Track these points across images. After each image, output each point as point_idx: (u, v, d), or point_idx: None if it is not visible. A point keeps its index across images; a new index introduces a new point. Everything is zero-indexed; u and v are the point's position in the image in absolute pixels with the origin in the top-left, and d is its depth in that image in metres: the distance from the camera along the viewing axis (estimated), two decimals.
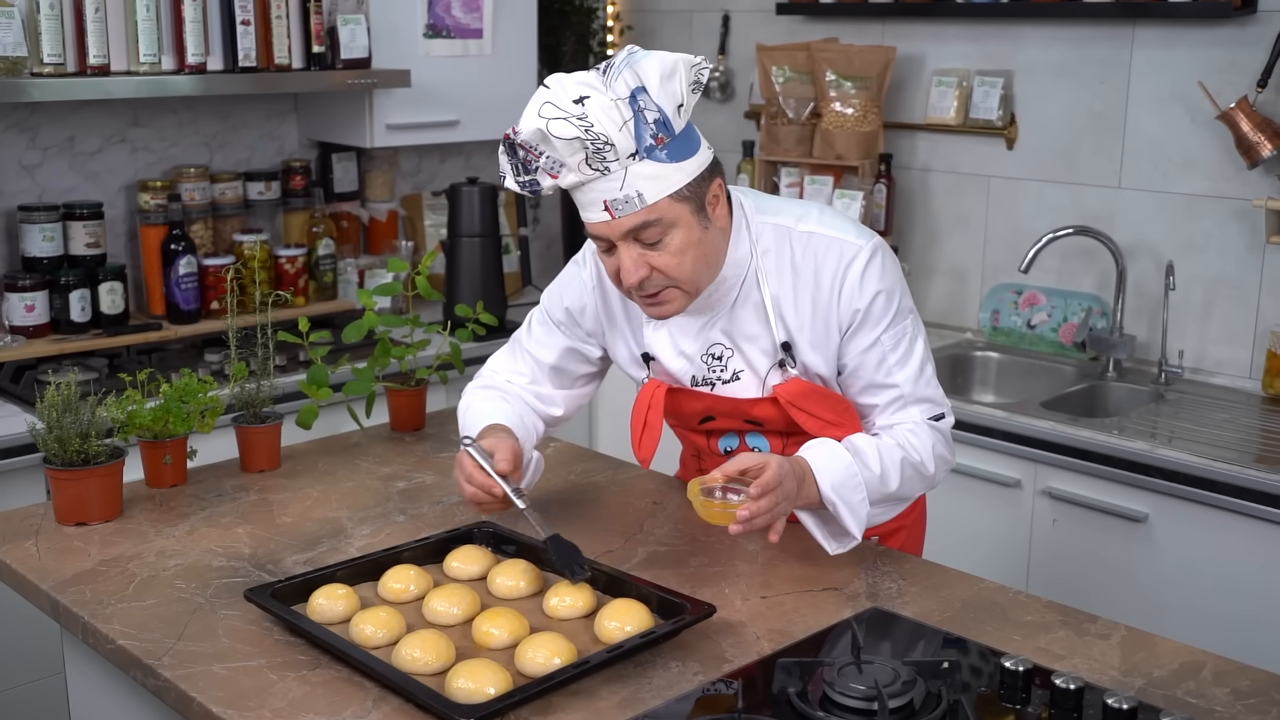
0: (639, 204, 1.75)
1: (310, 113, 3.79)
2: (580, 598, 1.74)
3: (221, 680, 1.56)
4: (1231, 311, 3.23)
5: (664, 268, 1.80)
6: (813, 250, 1.90)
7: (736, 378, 1.97)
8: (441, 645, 1.60)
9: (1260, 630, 2.63)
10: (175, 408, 2.17)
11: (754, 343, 1.95)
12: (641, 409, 2.00)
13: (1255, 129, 3.05)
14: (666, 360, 2.00)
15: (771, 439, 2.02)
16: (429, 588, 1.80)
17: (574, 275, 2.09)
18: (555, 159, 1.76)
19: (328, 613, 1.71)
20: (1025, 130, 3.54)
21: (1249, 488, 2.61)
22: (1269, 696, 1.54)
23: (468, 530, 1.96)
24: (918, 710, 1.46)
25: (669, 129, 1.76)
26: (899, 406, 1.93)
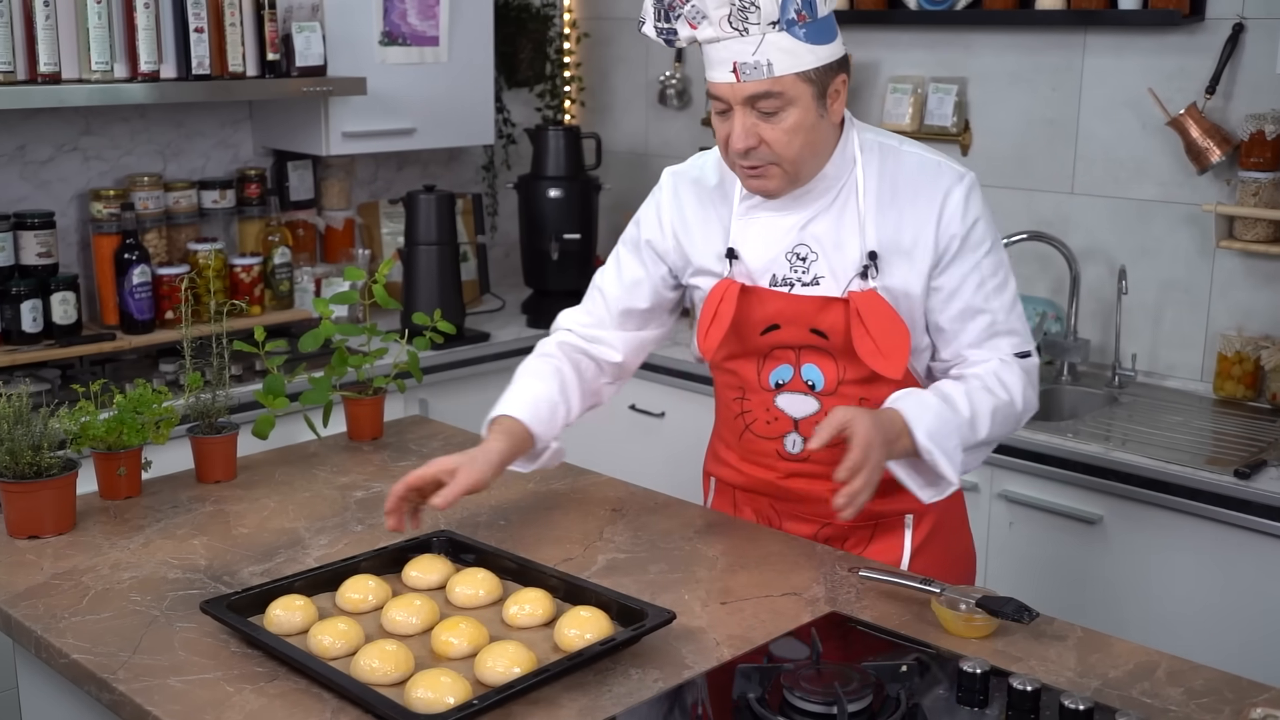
0: (767, 73, 1.79)
1: (265, 120, 3.77)
2: (540, 606, 1.73)
3: (178, 693, 1.55)
4: (1183, 315, 3.27)
5: (773, 142, 1.84)
6: (914, 169, 1.95)
7: (816, 282, 1.96)
8: (400, 656, 1.59)
9: (1213, 630, 2.66)
10: (129, 419, 2.15)
11: (841, 249, 1.95)
12: (713, 303, 2.00)
13: (1204, 135, 3.08)
14: (752, 253, 1.99)
15: (826, 367, 1.99)
16: (388, 598, 1.78)
17: (650, 204, 2.14)
18: (699, 8, 1.79)
19: (285, 624, 1.70)
20: (979, 136, 3.57)
21: (1201, 489, 2.64)
22: (1222, 695, 1.56)
23: (426, 539, 1.95)
24: (877, 714, 1.47)
25: (813, 9, 1.80)
26: (990, 334, 1.95)
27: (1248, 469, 2.63)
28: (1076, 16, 3.27)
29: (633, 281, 2.13)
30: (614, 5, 4.44)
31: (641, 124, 4.45)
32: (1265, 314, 3.13)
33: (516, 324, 3.91)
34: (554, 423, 2.05)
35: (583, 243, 3.90)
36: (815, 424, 1.96)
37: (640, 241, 2.13)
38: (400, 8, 3.67)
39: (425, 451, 2.44)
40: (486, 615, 1.75)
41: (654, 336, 2.20)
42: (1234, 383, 3.12)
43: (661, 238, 2.10)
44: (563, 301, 3.89)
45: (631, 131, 4.48)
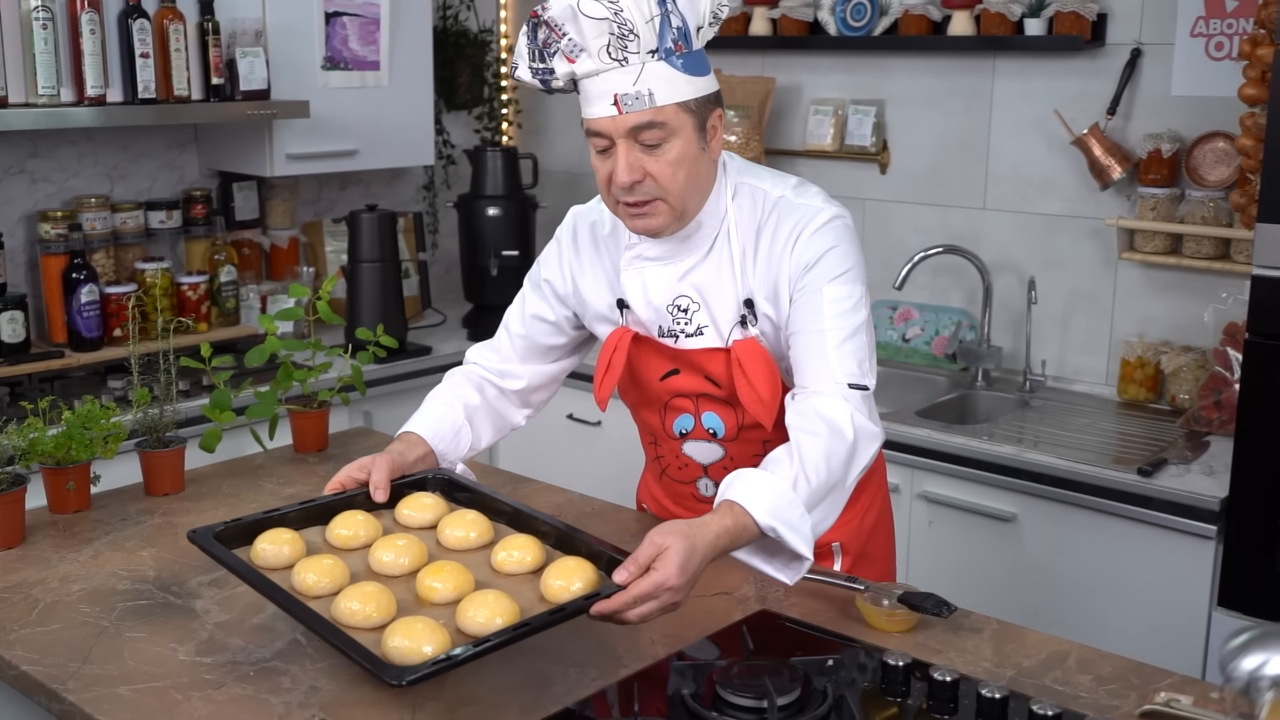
0: (648, 102, 1.72)
1: (211, 143, 3.72)
2: (529, 553, 1.65)
3: (127, 702, 1.52)
4: (1088, 323, 3.32)
5: (658, 175, 1.76)
6: (778, 213, 1.86)
7: (700, 332, 1.91)
8: (381, 599, 1.52)
9: (1120, 620, 2.70)
10: (78, 434, 2.11)
11: (719, 298, 1.89)
12: (607, 352, 1.96)
13: (1106, 153, 3.14)
14: (638, 305, 1.94)
15: (725, 415, 1.94)
16: (377, 535, 1.70)
17: (551, 242, 2.09)
18: (577, 42, 1.72)
19: (271, 558, 1.62)
20: (897, 155, 3.61)
21: (1108, 487, 2.68)
22: (1128, 681, 1.58)
23: (421, 478, 1.88)
24: (805, 706, 1.47)
25: (689, 40, 1.75)
26: (821, 361, 1.79)
27: (1150, 467, 2.67)
28: (986, 42, 3.32)
29: (536, 319, 2.09)
30: None
31: (576, 144, 4.45)
32: (1164, 321, 3.19)
33: (457, 338, 3.89)
34: (458, 444, 2.03)
35: (521, 259, 3.89)
36: (723, 469, 1.95)
37: (540, 281, 2.08)
38: (342, 34, 3.65)
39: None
40: (475, 559, 1.68)
41: (563, 368, 2.16)
42: (1136, 386, 3.17)
43: (561, 280, 2.05)
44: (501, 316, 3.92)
45: (567, 152, 4.48)
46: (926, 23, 3.42)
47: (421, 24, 3.86)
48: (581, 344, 2.14)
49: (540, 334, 2.09)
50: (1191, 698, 1.51)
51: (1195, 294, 3.12)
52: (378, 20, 3.72)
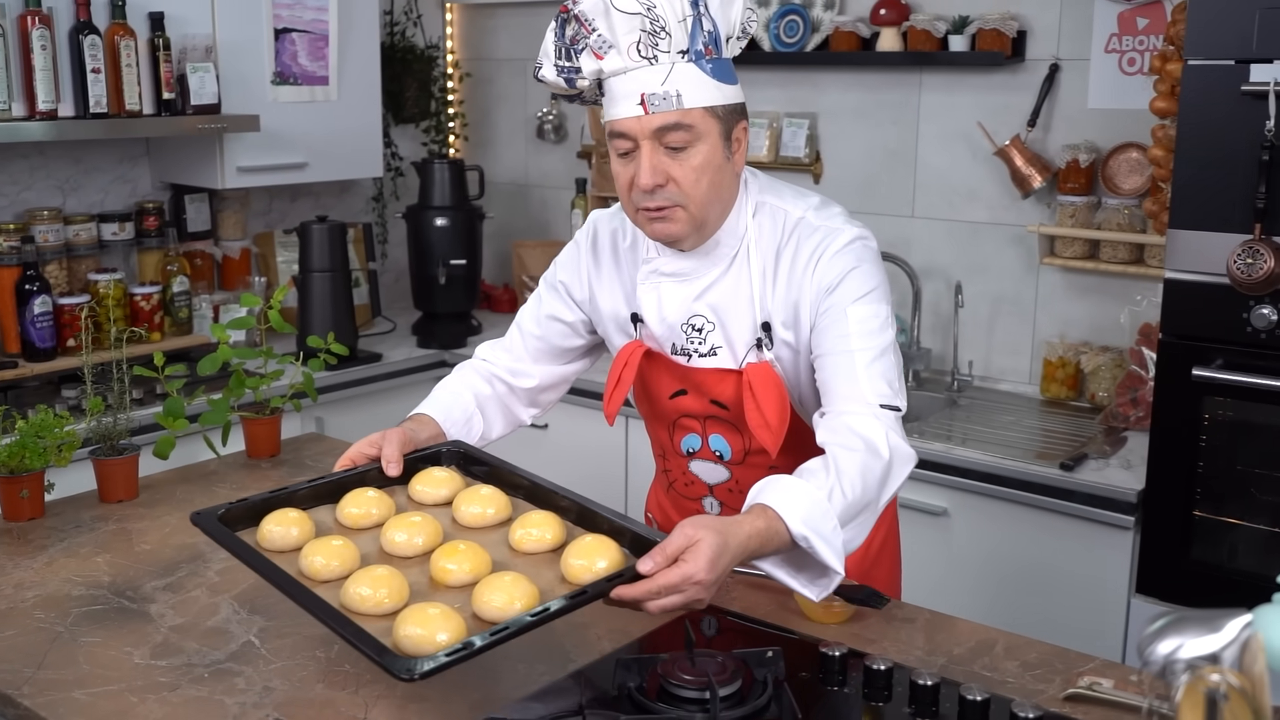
0: (676, 103, 1.63)
1: (162, 156, 3.67)
2: (549, 530, 1.54)
3: (83, 706, 1.49)
4: (1012, 325, 3.36)
5: (681, 180, 1.66)
6: (799, 234, 1.76)
7: (714, 353, 1.82)
8: (393, 583, 1.40)
9: (1044, 607, 2.73)
10: (32, 443, 2.07)
11: (736, 319, 1.79)
12: (618, 366, 1.87)
13: (1027, 163, 3.18)
14: (652, 321, 1.84)
15: (732, 438, 1.85)
16: (390, 513, 1.59)
17: (571, 244, 1.98)
18: (607, 38, 1.62)
19: (279, 540, 1.51)
20: (829, 166, 3.63)
21: (1032, 481, 2.71)
22: (1053, 666, 1.60)
23: (435, 451, 1.77)
24: (746, 697, 1.47)
25: (719, 47, 1.67)
26: (851, 381, 1.68)
27: (1071, 462, 2.71)
28: (913, 58, 3.35)
29: (552, 320, 1.98)
30: (494, 47, 4.42)
31: (521, 157, 4.43)
32: (1084, 323, 3.23)
33: (407, 345, 3.87)
34: (469, 430, 1.93)
35: (468, 268, 3.87)
36: (729, 491, 1.89)
37: (557, 282, 1.98)
38: (291, 49, 3.61)
39: (322, 466, 2.39)
40: (493, 538, 1.57)
41: (576, 370, 2.05)
42: (1058, 385, 3.21)
43: (578, 285, 1.95)
44: (450, 323, 3.91)
45: (512, 164, 4.46)
46: (856, 39, 3.44)
47: (369, 40, 3.83)
48: (595, 347, 2.04)
49: (556, 335, 1.99)
50: (1112, 681, 1.53)
51: (1112, 297, 3.16)
52: (326, 36, 3.68)
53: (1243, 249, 2.32)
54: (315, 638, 1.67)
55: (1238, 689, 0.90)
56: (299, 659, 1.61)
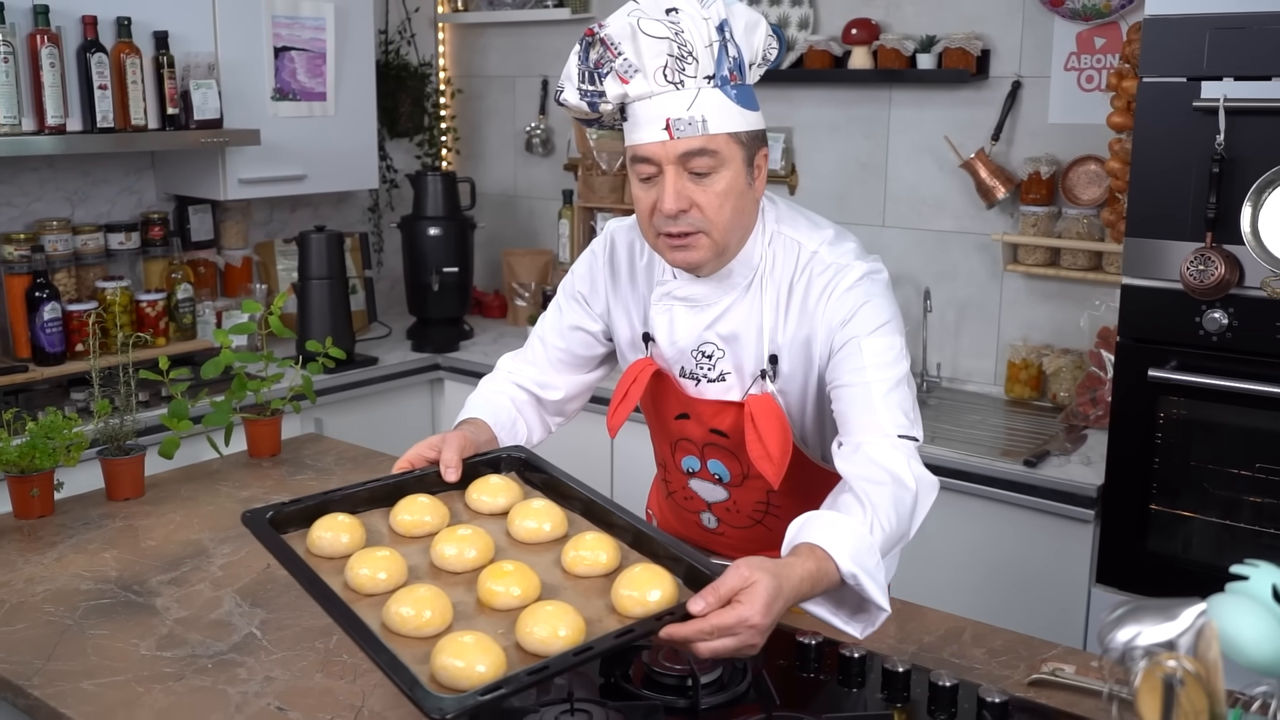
0: (701, 129, 1.55)
1: (167, 169, 3.65)
2: (602, 552, 1.43)
3: (90, 696, 1.48)
4: (978, 329, 3.37)
5: (704, 206, 1.58)
6: (811, 269, 1.68)
7: (722, 378, 1.75)
8: (437, 604, 1.30)
9: (1010, 597, 2.74)
10: (41, 444, 2.06)
11: (745, 349, 1.72)
12: (626, 382, 1.80)
13: (991, 175, 3.19)
14: (662, 343, 1.78)
15: (730, 464, 1.79)
16: (444, 523, 1.50)
17: (587, 254, 1.90)
18: (633, 62, 1.55)
19: (328, 546, 1.43)
20: (804, 178, 3.63)
21: (997, 477, 2.72)
22: (1018, 653, 1.60)
23: (496, 457, 1.67)
24: (727, 683, 1.47)
25: (743, 73, 1.60)
26: (868, 412, 1.59)
27: (1034, 458, 2.71)
28: (883, 75, 3.35)
29: (575, 329, 1.91)
30: (484, 64, 4.41)
31: (510, 169, 4.43)
32: (1046, 326, 3.24)
33: (402, 349, 3.85)
34: (515, 434, 1.87)
35: (460, 275, 3.87)
36: (726, 509, 1.85)
37: (575, 293, 1.90)
38: (290, 66, 3.60)
39: (321, 466, 2.38)
40: (545, 558, 1.46)
41: (596, 378, 1.98)
42: (1021, 385, 3.22)
43: (594, 295, 1.88)
44: (443, 328, 3.90)
45: (502, 176, 4.46)
46: (829, 57, 3.45)
47: (365, 58, 3.82)
48: (615, 354, 1.96)
49: (579, 345, 1.92)
50: (1074, 667, 1.53)
51: (1072, 301, 3.17)
52: (324, 55, 3.67)
53: (1195, 256, 2.33)
54: (315, 629, 1.66)
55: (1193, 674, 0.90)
56: (299, 650, 1.60)
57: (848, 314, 1.64)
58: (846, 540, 1.44)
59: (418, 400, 3.81)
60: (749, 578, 1.30)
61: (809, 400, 1.73)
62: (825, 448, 1.78)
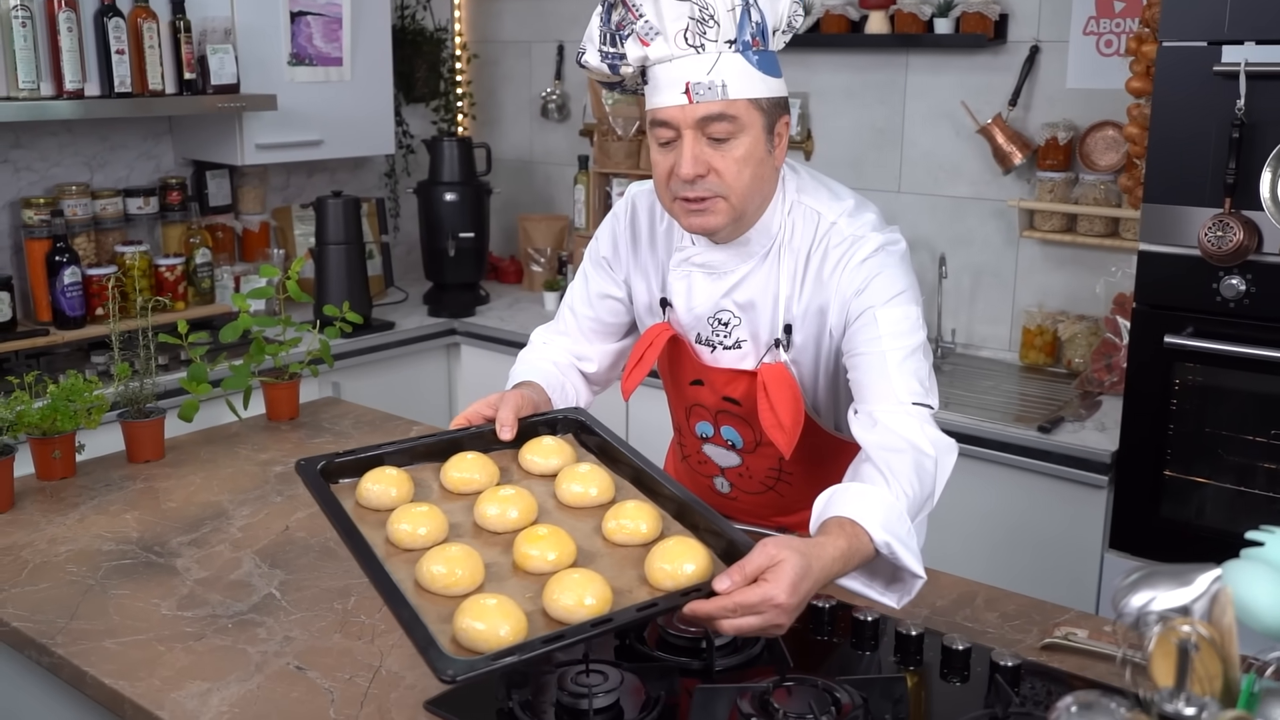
0: (721, 94, 1.52)
1: (184, 134, 3.64)
2: (644, 521, 1.41)
3: (113, 654, 1.49)
4: (993, 295, 3.35)
5: (723, 171, 1.56)
6: (828, 240, 1.66)
7: (738, 345, 1.73)
8: (469, 563, 1.29)
9: (1023, 561, 2.74)
10: (63, 406, 2.07)
11: (761, 318, 1.71)
12: (642, 345, 1.79)
13: (1008, 141, 3.16)
14: (680, 309, 1.76)
15: (743, 430, 1.78)
16: (493, 481, 1.48)
17: (609, 218, 1.88)
18: (654, 24, 1.53)
19: (376, 499, 1.43)
20: (820, 144, 3.61)
21: (1011, 443, 2.71)
22: (1030, 618, 1.60)
23: (553, 418, 1.65)
24: (741, 646, 1.48)
25: (765, 39, 1.57)
26: (883, 379, 1.58)
27: (1049, 424, 2.71)
28: (900, 40, 3.32)
29: (604, 297, 1.89)
30: (500, 29, 4.38)
31: (526, 134, 4.41)
32: (1061, 293, 3.22)
33: (418, 314, 3.86)
34: (564, 398, 1.85)
35: (476, 241, 3.86)
36: (739, 475, 1.85)
37: (600, 259, 1.88)
38: (307, 31, 3.58)
39: (338, 429, 2.39)
40: (588, 522, 1.45)
41: (628, 345, 1.94)
42: (1036, 352, 3.21)
43: (615, 258, 1.87)
44: (459, 293, 3.90)
45: (517, 141, 4.44)
46: (845, 22, 3.41)
47: (381, 23, 3.79)
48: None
49: (609, 313, 1.90)
50: (1087, 631, 1.53)
51: (1088, 268, 3.15)
52: (340, 19, 3.65)
53: (1213, 222, 2.31)
54: (333, 590, 1.67)
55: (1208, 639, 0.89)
56: (318, 610, 1.61)
57: (862, 284, 1.62)
58: (876, 510, 1.42)
59: (434, 365, 3.81)
60: (776, 556, 1.29)
61: (821, 370, 1.72)
62: (838, 417, 1.77)
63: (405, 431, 2.37)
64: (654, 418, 2.05)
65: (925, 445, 1.53)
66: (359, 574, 1.64)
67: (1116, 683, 1.35)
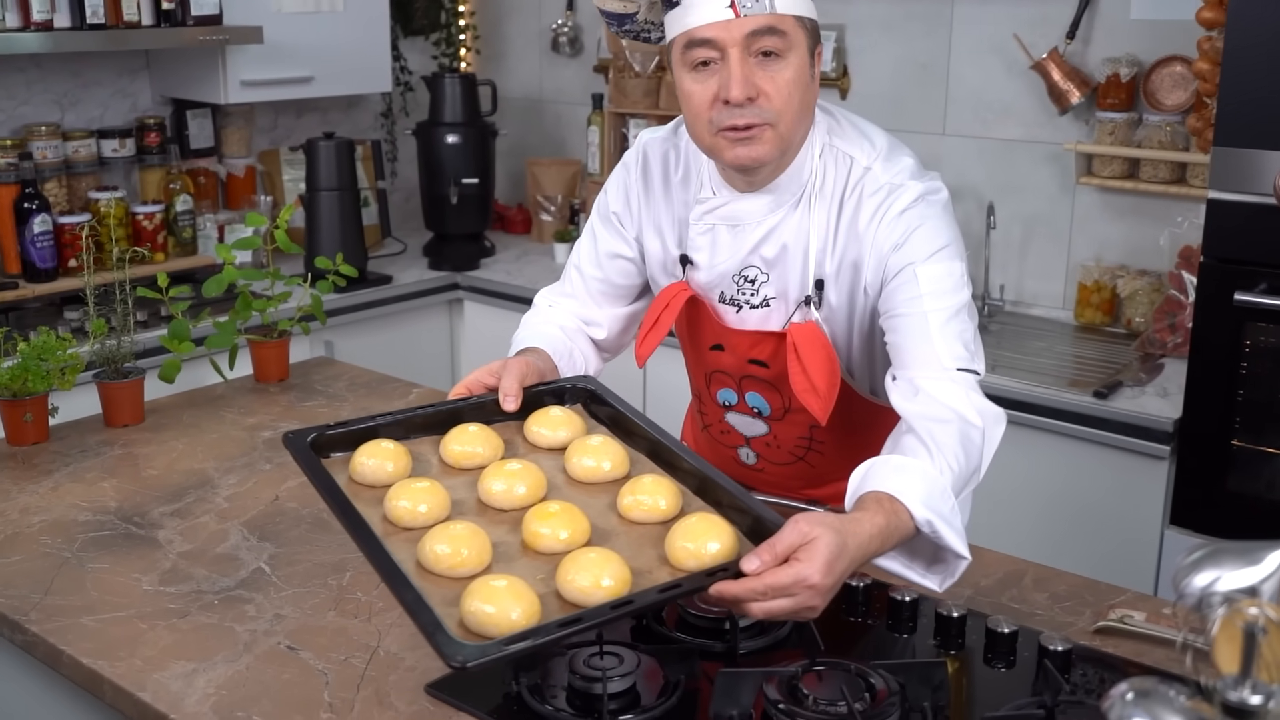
0: (769, 6, 1.52)
1: (163, 70, 3.64)
2: (661, 497, 1.40)
3: (91, 632, 1.51)
4: (1046, 248, 3.33)
5: (772, 94, 1.54)
6: (862, 188, 1.64)
7: (766, 304, 1.72)
8: (475, 543, 1.29)
9: (1075, 538, 2.74)
10: (34, 365, 2.08)
11: (791, 272, 1.69)
12: (657, 308, 1.77)
13: (1065, 78, 3.13)
14: (702, 266, 1.75)
15: (770, 396, 1.77)
16: (497, 454, 1.48)
17: (619, 170, 1.87)
18: None
19: (371, 474, 1.42)
20: (858, 81, 3.58)
21: (1064, 409, 2.71)
22: (1083, 599, 1.61)
23: (561, 387, 1.64)
24: (767, 627, 1.49)
25: None
26: (925, 343, 1.57)
27: (1105, 390, 2.70)
28: None
29: (613, 257, 1.87)
30: None
31: (535, 71, 4.39)
32: (1121, 245, 3.20)
33: (418, 266, 3.86)
34: (573, 365, 1.83)
35: (481, 187, 3.86)
36: (766, 444, 1.83)
37: (609, 214, 1.86)
38: None
39: (332, 392, 2.40)
40: (602, 499, 1.44)
41: (640, 309, 1.93)
42: (1093, 310, 3.19)
43: (627, 213, 1.84)
44: (462, 244, 3.90)
45: (526, 78, 4.42)
46: None
47: None
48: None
49: (618, 274, 1.88)
50: (1145, 614, 1.53)
51: (1151, 218, 3.13)
52: None
53: None
54: (327, 565, 1.69)
55: (1276, 623, 0.90)
56: (311, 586, 1.63)
57: (901, 238, 1.61)
58: (917, 484, 1.42)
59: (435, 322, 3.82)
60: (808, 534, 1.28)
61: (856, 330, 1.71)
62: (874, 380, 1.77)
63: (404, 394, 2.39)
64: (678, 382, 2.05)
65: (971, 415, 1.52)
66: (354, 548, 1.65)
67: (1176, 669, 1.35)
